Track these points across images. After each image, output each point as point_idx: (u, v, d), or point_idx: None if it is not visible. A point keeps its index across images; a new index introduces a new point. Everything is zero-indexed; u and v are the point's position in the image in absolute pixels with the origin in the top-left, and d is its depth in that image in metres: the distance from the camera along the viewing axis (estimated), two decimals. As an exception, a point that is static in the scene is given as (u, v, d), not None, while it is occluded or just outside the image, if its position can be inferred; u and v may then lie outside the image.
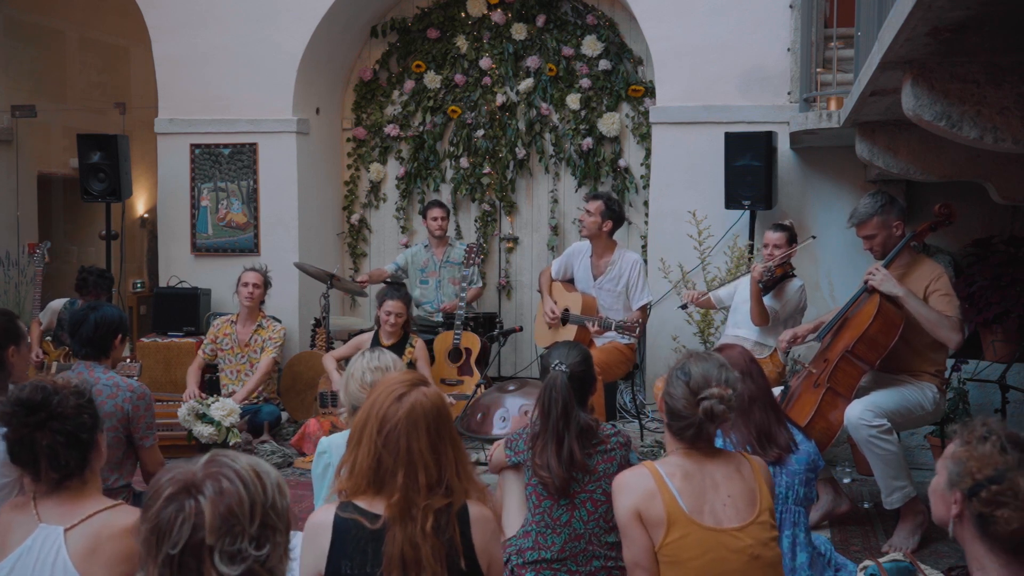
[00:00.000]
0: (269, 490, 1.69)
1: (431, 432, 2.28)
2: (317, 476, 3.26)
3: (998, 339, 5.49)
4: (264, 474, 1.70)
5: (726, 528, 2.52)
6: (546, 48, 7.46)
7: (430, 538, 2.20)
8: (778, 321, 5.32)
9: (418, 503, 2.23)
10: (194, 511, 1.61)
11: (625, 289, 5.88)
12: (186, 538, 1.60)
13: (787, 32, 6.41)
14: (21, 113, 8.71)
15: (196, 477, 1.66)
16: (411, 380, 2.36)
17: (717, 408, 2.55)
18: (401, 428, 2.27)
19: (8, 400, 2.44)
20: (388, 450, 2.26)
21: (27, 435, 2.39)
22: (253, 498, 1.65)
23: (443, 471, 2.28)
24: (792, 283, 5.39)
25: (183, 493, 1.63)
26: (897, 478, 4.28)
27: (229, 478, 1.66)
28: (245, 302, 6.20)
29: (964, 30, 2.81)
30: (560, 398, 3.17)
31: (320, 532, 2.29)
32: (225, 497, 1.63)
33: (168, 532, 1.61)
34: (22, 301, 7.98)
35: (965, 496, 1.99)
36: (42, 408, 2.41)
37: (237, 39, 7.30)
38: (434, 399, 2.32)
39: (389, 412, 2.29)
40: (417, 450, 2.26)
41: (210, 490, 1.63)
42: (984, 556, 1.99)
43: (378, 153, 7.91)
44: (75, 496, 2.41)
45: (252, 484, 1.67)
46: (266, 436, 6.03)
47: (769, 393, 3.61)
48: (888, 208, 4.46)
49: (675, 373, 2.64)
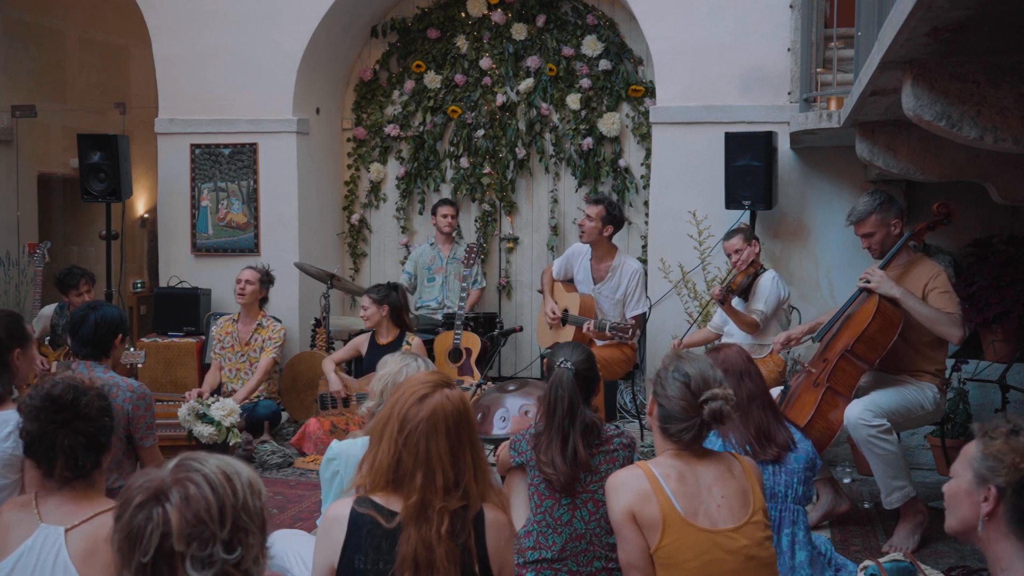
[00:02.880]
0: (240, 491, 1.67)
1: (451, 435, 2.29)
2: (326, 480, 3.27)
3: (998, 339, 5.49)
4: (234, 475, 1.69)
5: (721, 529, 2.52)
6: (546, 48, 7.46)
7: (445, 541, 2.21)
8: (768, 320, 5.30)
9: (434, 505, 2.24)
10: (162, 519, 1.61)
11: (623, 298, 5.90)
12: (156, 546, 1.60)
13: (787, 32, 6.41)
14: (21, 113, 8.70)
15: (164, 484, 1.64)
16: (435, 381, 2.37)
17: (725, 409, 2.54)
18: (422, 430, 2.28)
19: (39, 394, 2.45)
20: (408, 450, 2.28)
21: (51, 432, 2.41)
22: (222, 501, 1.64)
23: (461, 474, 2.29)
24: (762, 280, 5.34)
25: (152, 501, 1.62)
26: (897, 478, 4.28)
27: (196, 483, 1.64)
28: (238, 299, 6.23)
29: (964, 30, 2.81)
30: (566, 395, 3.19)
31: (336, 526, 2.30)
32: (192, 503, 1.62)
33: (139, 540, 1.60)
34: (22, 301, 7.98)
35: (1001, 491, 1.95)
36: (70, 407, 2.43)
37: (237, 39, 7.29)
38: (456, 402, 2.33)
39: (411, 413, 2.30)
40: (436, 453, 2.27)
41: (176, 497, 1.62)
42: (1015, 554, 1.94)
43: (378, 153, 7.91)
44: (79, 496, 2.41)
45: (221, 487, 1.65)
46: (266, 436, 6.04)
47: (767, 392, 3.62)
48: (886, 207, 4.47)
49: (669, 375, 2.61)
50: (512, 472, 3.39)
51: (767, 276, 5.36)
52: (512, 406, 4.87)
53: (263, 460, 5.74)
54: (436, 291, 7.00)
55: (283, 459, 5.77)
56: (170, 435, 5.44)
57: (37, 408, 2.43)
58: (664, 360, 2.68)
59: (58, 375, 2.59)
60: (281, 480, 5.56)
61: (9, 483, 3.08)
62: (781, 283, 5.40)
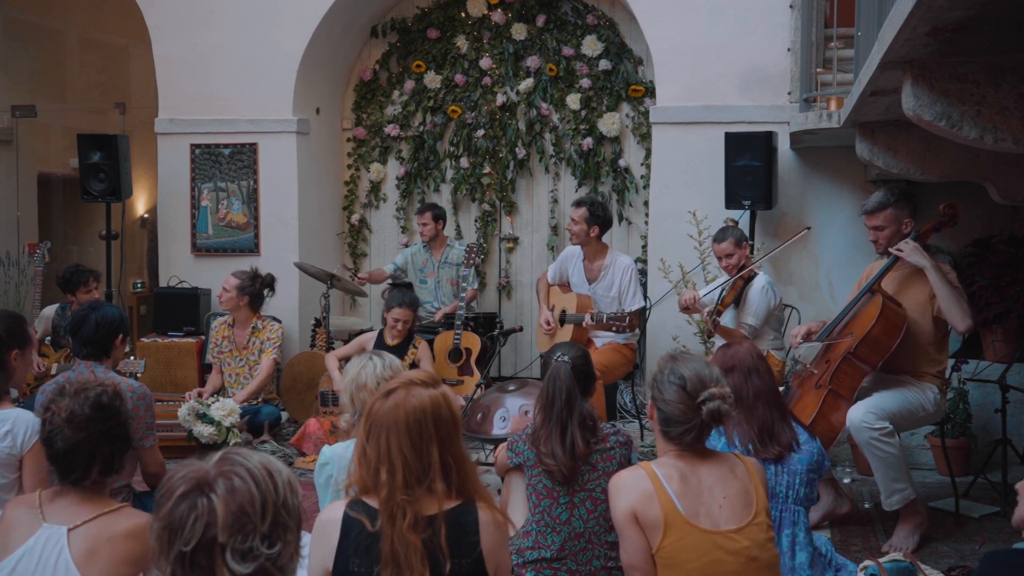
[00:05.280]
0: (281, 488, 1.69)
1: (412, 431, 2.26)
2: (320, 485, 3.28)
3: (998, 339, 5.49)
4: (276, 472, 1.71)
5: (723, 530, 2.51)
6: (546, 48, 7.46)
7: (411, 537, 2.20)
8: (764, 327, 5.24)
9: (398, 500, 2.23)
10: (207, 509, 1.62)
11: (618, 295, 5.90)
12: (199, 536, 1.61)
13: (787, 32, 6.41)
14: (21, 113, 8.70)
15: (209, 475, 1.66)
16: (409, 380, 2.35)
17: (723, 408, 2.54)
18: (382, 425, 2.27)
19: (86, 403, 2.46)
20: (371, 446, 2.28)
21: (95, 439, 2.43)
22: (265, 496, 1.66)
23: (425, 471, 2.26)
24: (753, 289, 5.17)
25: (196, 491, 1.64)
26: (897, 480, 4.27)
27: (241, 476, 1.66)
28: (221, 307, 6.28)
29: (964, 30, 2.81)
30: (564, 387, 3.23)
31: (329, 529, 2.30)
32: (237, 495, 1.64)
33: (181, 529, 1.61)
34: (22, 301, 7.98)
35: None
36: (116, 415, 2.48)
37: (237, 39, 7.30)
38: (422, 399, 2.29)
39: (374, 409, 2.31)
40: (397, 449, 2.25)
41: (222, 488, 1.64)
42: None
43: (378, 153, 7.91)
44: (86, 498, 2.42)
45: (264, 482, 1.67)
46: (266, 436, 6.03)
47: (774, 390, 3.61)
48: (902, 204, 4.50)
49: (665, 378, 2.60)
50: (510, 473, 3.40)
51: (757, 286, 5.17)
52: (512, 406, 4.87)
53: (263, 460, 5.73)
54: (429, 294, 6.99)
55: (283, 459, 5.74)
56: (170, 435, 5.44)
57: (88, 418, 2.43)
58: (659, 363, 2.66)
59: (80, 377, 2.60)
60: (281, 480, 5.56)
61: (6, 483, 3.09)
62: (772, 290, 5.23)
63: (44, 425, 2.48)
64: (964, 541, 4.46)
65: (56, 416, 2.44)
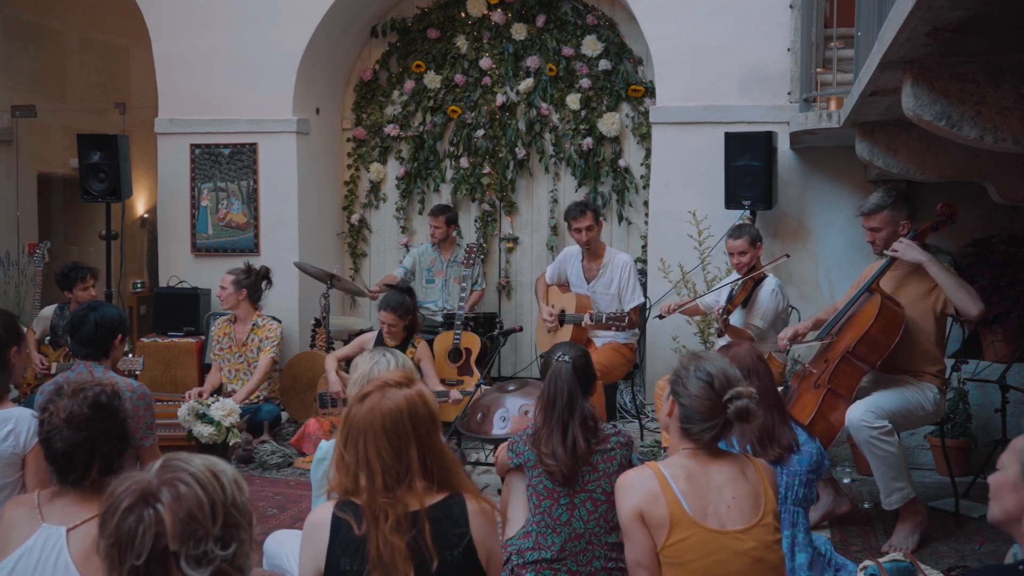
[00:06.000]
0: (228, 488, 1.67)
1: (389, 433, 2.25)
2: (316, 481, 3.27)
3: (998, 339, 5.49)
4: (221, 472, 1.68)
5: (729, 530, 2.50)
6: (546, 48, 7.46)
7: (394, 539, 2.20)
8: (769, 329, 5.23)
9: (380, 504, 2.23)
10: (154, 519, 1.59)
11: (618, 292, 5.90)
12: (149, 547, 1.58)
13: (787, 32, 6.41)
14: (21, 113, 8.71)
15: (152, 484, 1.63)
16: (385, 380, 2.34)
17: (751, 407, 2.54)
18: (359, 429, 2.27)
19: (85, 402, 2.45)
20: (348, 451, 2.28)
21: (94, 439, 2.42)
22: (213, 498, 1.63)
23: (404, 473, 2.25)
24: (762, 292, 5.17)
25: (141, 503, 1.61)
26: (897, 479, 4.27)
27: (186, 482, 1.63)
28: (222, 306, 6.35)
29: (964, 30, 2.81)
30: (565, 387, 3.23)
31: (319, 530, 2.30)
32: (184, 501, 1.61)
33: (130, 544, 1.59)
34: (22, 301, 7.98)
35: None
36: (115, 414, 2.46)
37: (237, 39, 7.30)
38: (397, 400, 2.28)
39: (351, 413, 2.30)
40: (375, 452, 2.24)
41: (167, 496, 1.61)
42: None
43: (378, 153, 7.91)
44: (85, 498, 2.42)
45: (210, 484, 1.65)
46: (266, 436, 6.03)
47: (775, 392, 3.61)
48: (899, 206, 4.50)
49: (691, 374, 2.58)
50: (511, 473, 3.40)
51: (767, 288, 5.19)
52: (512, 406, 4.87)
53: (263, 460, 5.74)
54: (436, 293, 7.00)
55: (283, 459, 5.77)
56: (170, 435, 5.43)
57: (87, 418, 2.43)
58: (682, 359, 2.65)
59: (78, 378, 2.60)
60: (281, 480, 5.56)
61: (9, 482, 3.08)
62: (782, 293, 5.24)
63: (43, 425, 2.47)
64: (964, 541, 4.45)
65: (55, 416, 2.44)
